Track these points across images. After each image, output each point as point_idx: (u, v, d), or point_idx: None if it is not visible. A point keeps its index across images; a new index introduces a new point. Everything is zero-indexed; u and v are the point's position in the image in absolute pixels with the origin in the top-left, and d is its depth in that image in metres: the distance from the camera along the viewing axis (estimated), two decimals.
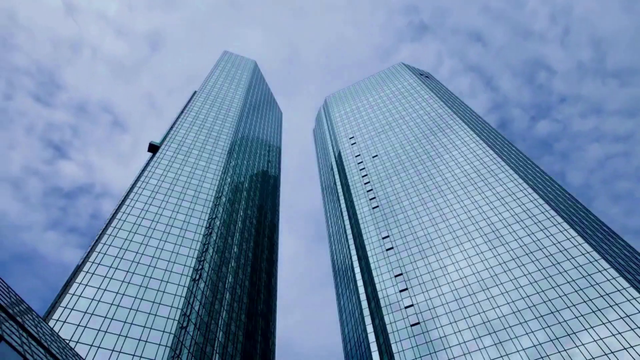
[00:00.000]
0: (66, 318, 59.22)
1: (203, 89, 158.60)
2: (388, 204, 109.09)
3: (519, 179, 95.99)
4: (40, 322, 34.60)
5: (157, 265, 74.34)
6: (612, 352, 58.14)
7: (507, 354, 64.64)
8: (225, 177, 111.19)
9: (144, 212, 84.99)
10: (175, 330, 64.09)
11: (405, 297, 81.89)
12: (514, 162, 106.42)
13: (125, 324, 62.01)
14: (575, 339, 61.82)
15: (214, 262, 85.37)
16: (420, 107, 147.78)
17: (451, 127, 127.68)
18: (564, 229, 79.20)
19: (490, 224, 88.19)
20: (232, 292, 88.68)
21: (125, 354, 58.06)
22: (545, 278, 72.40)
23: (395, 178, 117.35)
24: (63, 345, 36.73)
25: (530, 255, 77.66)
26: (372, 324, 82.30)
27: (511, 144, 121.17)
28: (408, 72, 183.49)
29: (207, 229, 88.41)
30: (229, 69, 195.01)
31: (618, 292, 64.85)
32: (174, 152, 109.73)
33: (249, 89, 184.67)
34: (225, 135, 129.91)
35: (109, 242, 74.94)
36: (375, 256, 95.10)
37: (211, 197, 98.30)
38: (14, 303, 31.27)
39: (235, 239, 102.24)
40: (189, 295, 71.61)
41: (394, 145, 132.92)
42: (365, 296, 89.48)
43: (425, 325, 74.89)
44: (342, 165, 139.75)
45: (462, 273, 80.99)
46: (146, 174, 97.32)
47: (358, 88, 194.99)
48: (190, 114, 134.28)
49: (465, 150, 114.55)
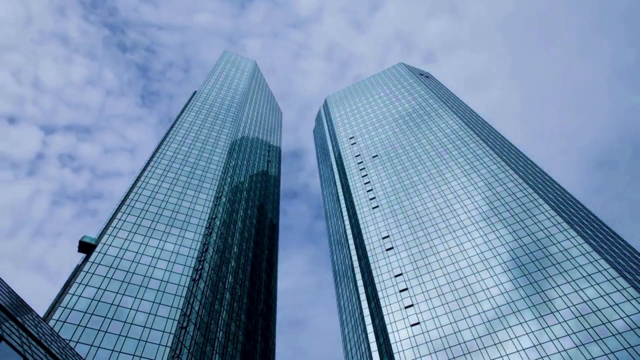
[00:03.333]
0: (66, 318, 59.24)
1: (203, 89, 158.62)
2: (388, 204, 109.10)
3: (519, 179, 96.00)
4: (40, 322, 34.60)
5: (157, 265, 74.37)
6: (612, 352, 58.18)
7: (507, 354, 64.68)
8: (225, 177, 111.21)
9: (144, 212, 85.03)
10: (175, 330, 64.11)
11: (405, 297, 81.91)
12: (514, 163, 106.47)
13: (125, 324, 62.05)
14: (575, 339, 61.90)
15: (214, 262, 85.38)
16: (420, 107, 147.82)
17: (451, 127, 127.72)
18: (564, 229, 79.23)
19: (490, 224, 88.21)
20: (232, 292, 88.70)
21: (125, 354, 58.09)
22: (546, 278, 72.43)
23: (395, 178, 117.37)
24: (63, 345, 36.73)
25: (530, 256, 77.68)
26: (372, 324, 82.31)
27: (511, 144, 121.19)
28: (408, 72, 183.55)
29: (207, 229, 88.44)
30: (229, 69, 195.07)
31: (618, 292, 64.90)
32: (174, 152, 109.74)
33: (249, 89, 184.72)
34: (225, 135, 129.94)
35: (109, 242, 74.96)
36: (375, 256, 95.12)
37: (211, 197, 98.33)
38: (14, 303, 31.27)
39: (235, 239, 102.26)
40: (189, 295, 71.63)
41: (394, 145, 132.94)
42: (365, 296, 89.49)
43: (425, 325, 74.91)
44: (342, 165, 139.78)
45: (462, 273, 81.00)
46: (146, 174, 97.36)
47: (358, 88, 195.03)
48: (190, 114, 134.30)
49: (465, 150, 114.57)
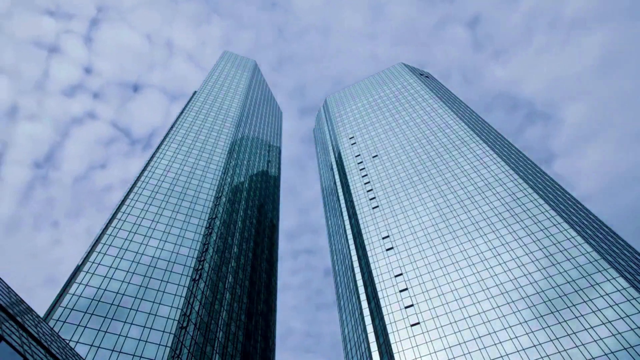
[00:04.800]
0: (66, 318, 59.25)
1: (203, 89, 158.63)
2: (388, 204, 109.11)
3: (519, 179, 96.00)
4: (40, 322, 34.60)
5: (157, 265, 74.37)
6: (612, 352, 58.15)
7: (507, 354, 64.65)
8: (225, 177, 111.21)
9: (144, 212, 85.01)
10: (175, 330, 64.12)
11: (405, 297, 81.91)
12: (514, 162, 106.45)
13: (125, 324, 62.05)
14: (575, 339, 61.84)
15: (214, 262, 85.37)
16: (420, 107, 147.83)
17: (451, 127, 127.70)
18: (564, 229, 79.23)
19: (490, 224, 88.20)
20: (232, 292, 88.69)
21: (125, 354, 58.09)
22: (545, 278, 72.42)
23: (395, 178, 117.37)
24: (63, 345, 36.73)
25: (530, 256, 77.68)
26: (372, 324, 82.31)
27: (511, 144, 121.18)
28: (408, 72, 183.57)
29: (207, 229, 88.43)
30: (229, 69, 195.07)
31: (618, 292, 64.88)
32: (174, 152, 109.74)
33: (249, 89, 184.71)
34: (225, 135, 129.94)
35: (109, 242, 74.97)
36: (375, 256, 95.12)
37: (211, 197, 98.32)
38: (14, 303, 31.26)
39: (235, 239, 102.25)
40: (189, 295, 71.63)
41: (394, 145, 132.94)
42: (365, 296, 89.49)
43: (425, 325, 74.91)
44: (342, 165, 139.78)
45: (462, 273, 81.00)
46: (146, 174, 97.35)
47: (358, 88, 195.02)
48: (190, 114, 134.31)
49: (465, 150, 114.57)
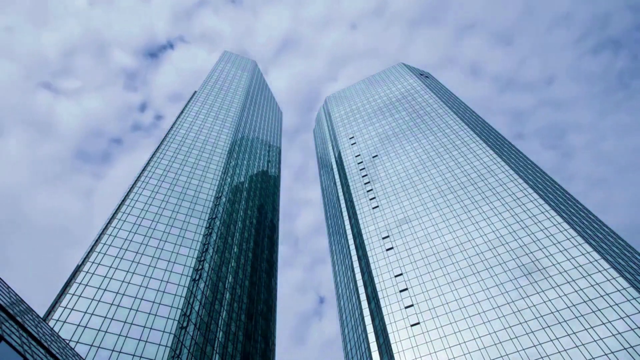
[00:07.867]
0: (66, 318, 59.23)
1: (203, 89, 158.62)
2: (388, 204, 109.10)
3: (518, 179, 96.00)
4: (40, 322, 34.59)
5: (157, 265, 74.36)
6: (612, 352, 58.15)
7: (507, 354, 64.65)
8: (225, 177, 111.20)
9: (144, 212, 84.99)
10: (175, 330, 64.11)
11: (405, 297, 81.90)
12: (514, 161, 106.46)
13: (125, 324, 62.03)
14: (575, 339, 61.83)
15: (214, 262, 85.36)
16: (420, 107, 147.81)
17: (451, 126, 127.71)
18: (564, 229, 79.22)
19: (490, 224, 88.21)
20: (232, 292, 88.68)
21: (125, 354, 58.08)
22: (545, 278, 72.42)
23: (395, 178, 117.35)
24: (63, 345, 36.72)
25: (530, 255, 77.67)
26: (372, 324, 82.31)
27: (511, 144, 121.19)
28: (408, 72, 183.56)
29: (207, 229, 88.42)
30: (229, 69, 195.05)
31: (618, 292, 64.87)
32: (174, 152, 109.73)
33: (248, 89, 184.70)
34: (225, 135, 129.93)
35: (109, 242, 74.96)
36: (375, 256, 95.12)
37: (211, 197, 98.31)
38: (14, 303, 31.26)
39: (235, 239, 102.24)
40: (189, 295, 71.63)
41: (394, 145, 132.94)
42: (365, 296, 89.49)
43: (425, 325, 74.91)
44: (342, 165, 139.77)
45: (462, 273, 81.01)
46: (146, 174, 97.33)
47: (358, 88, 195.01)
48: (190, 114, 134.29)
49: (465, 150, 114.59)
